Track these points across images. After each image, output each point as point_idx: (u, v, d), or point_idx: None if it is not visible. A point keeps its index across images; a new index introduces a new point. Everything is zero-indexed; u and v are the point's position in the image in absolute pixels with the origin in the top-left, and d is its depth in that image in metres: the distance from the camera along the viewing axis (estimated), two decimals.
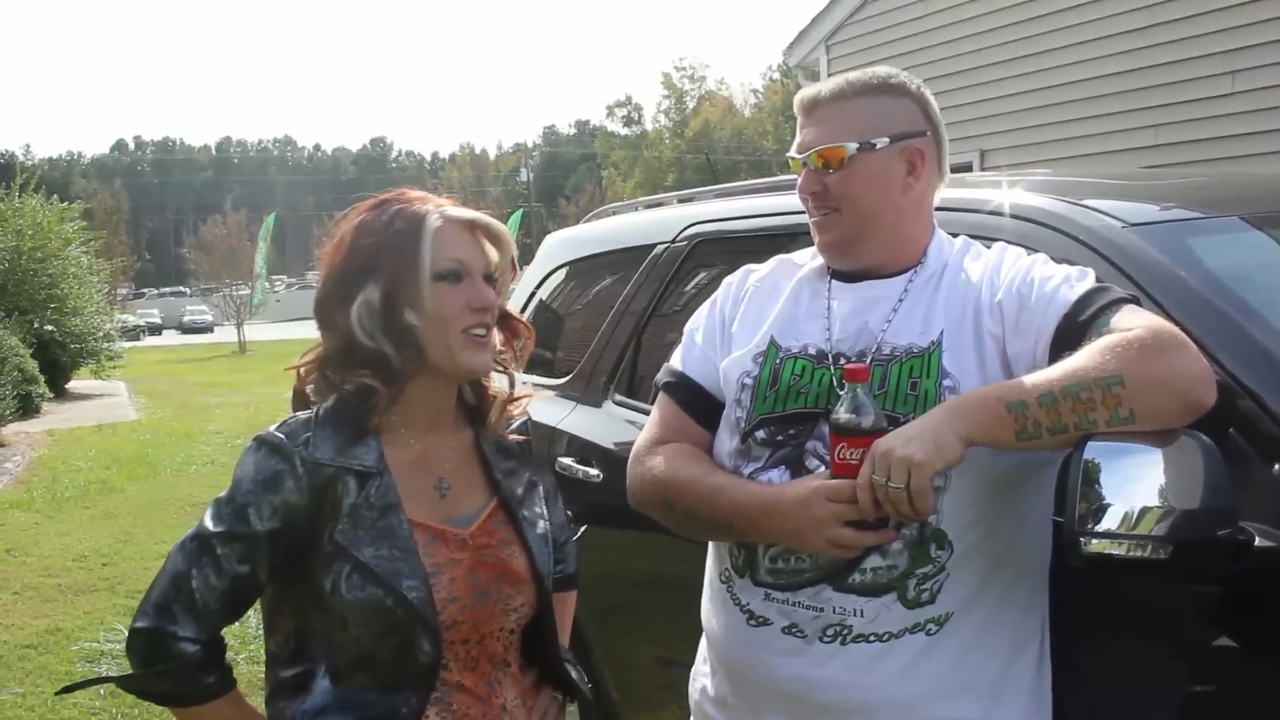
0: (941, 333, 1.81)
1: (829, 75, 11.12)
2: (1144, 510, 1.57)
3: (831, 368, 1.85)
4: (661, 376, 2.10)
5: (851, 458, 1.65)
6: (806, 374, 1.86)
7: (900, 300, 1.88)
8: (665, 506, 1.95)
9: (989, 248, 1.95)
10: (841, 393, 1.71)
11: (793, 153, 1.95)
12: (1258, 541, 1.64)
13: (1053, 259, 1.95)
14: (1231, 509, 1.58)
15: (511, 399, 1.95)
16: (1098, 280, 1.78)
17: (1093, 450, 1.59)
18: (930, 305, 1.85)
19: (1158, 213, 2.35)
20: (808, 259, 2.05)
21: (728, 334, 2.03)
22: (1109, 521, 1.58)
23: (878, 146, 1.87)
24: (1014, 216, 2.29)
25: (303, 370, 1.86)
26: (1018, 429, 1.56)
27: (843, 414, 1.67)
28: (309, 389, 1.85)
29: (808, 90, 1.96)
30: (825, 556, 1.74)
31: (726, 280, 2.12)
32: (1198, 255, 2.09)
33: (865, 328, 1.87)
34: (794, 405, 1.85)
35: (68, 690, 2.41)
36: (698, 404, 2.02)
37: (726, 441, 1.94)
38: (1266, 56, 7.89)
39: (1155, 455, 1.58)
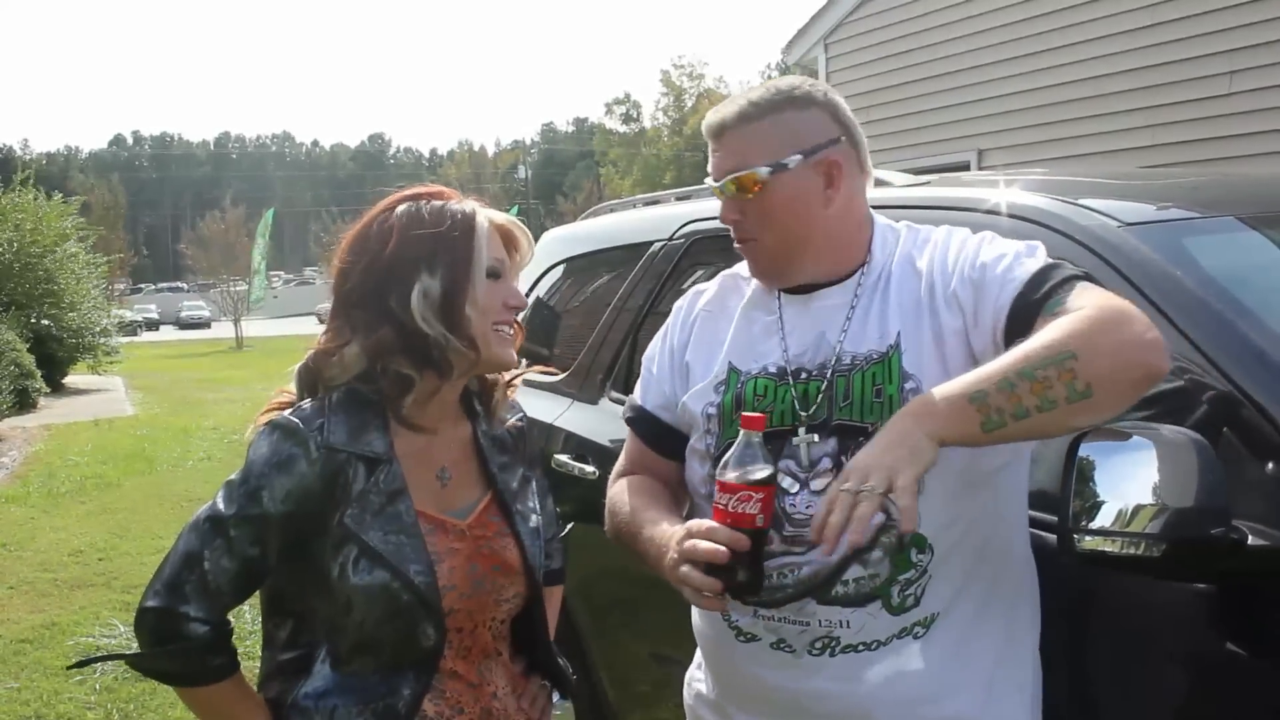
0: (898, 334, 1.78)
1: (828, 74, 11.24)
2: (1138, 508, 1.58)
3: (793, 384, 1.83)
4: (625, 410, 2.13)
5: (720, 502, 1.61)
6: (769, 393, 1.84)
7: (853, 306, 1.85)
8: (616, 538, 1.98)
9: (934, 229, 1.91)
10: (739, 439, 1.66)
11: (709, 180, 1.90)
12: (1251, 540, 1.65)
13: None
14: (1225, 508, 1.58)
15: (510, 383, 2.03)
16: (1049, 257, 1.74)
17: (1087, 448, 1.60)
18: (883, 307, 1.82)
19: (1153, 212, 2.36)
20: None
21: (681, 363, 2.01)
22: (1103, 519, 1.59)
23: (790, 166, 1.82)
24: (1010, 215, 2.30)
25: (321, 352, 1.84)
26: (982, 419, 1.52)
27: (726, 459, 1.64)
28: (327, 372, 1.82)
29: (713, 114, 1.89)
30: (803, 571, 1.74)
31: (676, 305, 2.11)
32: (1192, 255, 2.09)
33: (822, 339, 1.84)
34: None
35: (80, 665, 2.42)
36: (658, 436, 2.04)
37: (699, 469, 1.94)
38: (1265, 57, 7.91)
39: (1149, 453, 1.59)
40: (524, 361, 2.07)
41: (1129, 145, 8.67)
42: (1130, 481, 1.58)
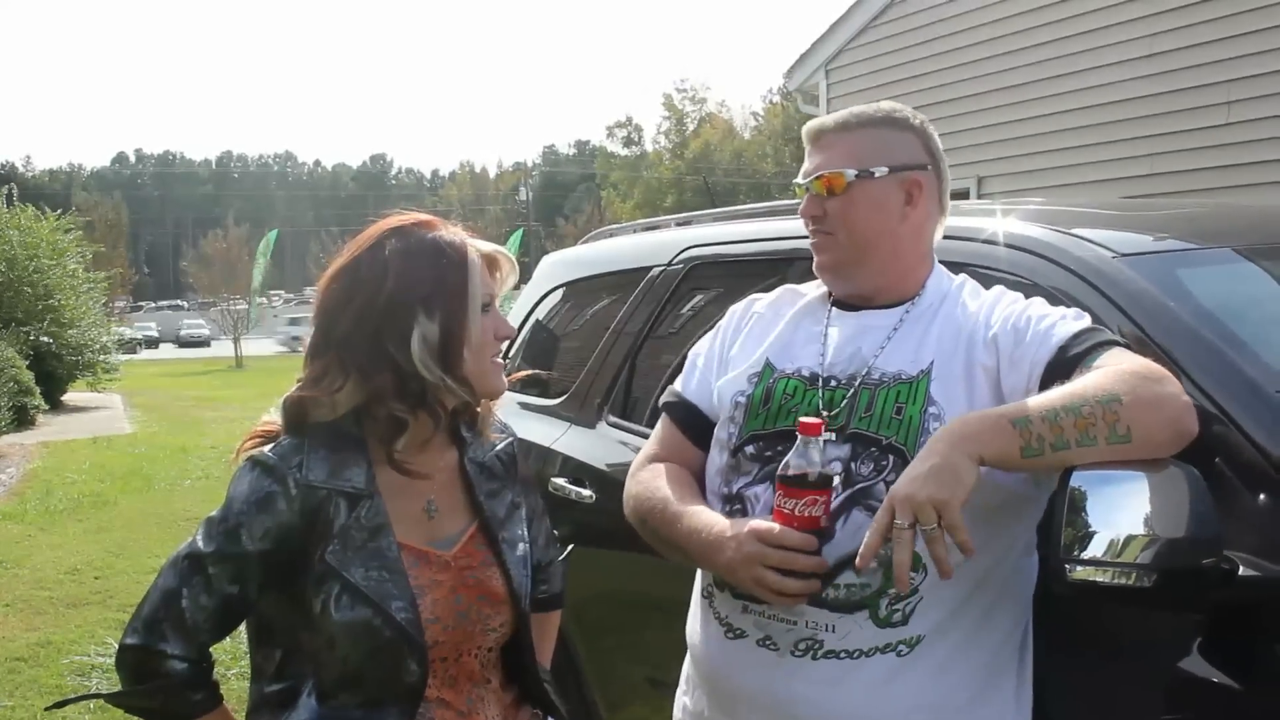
0: (932, 362, 1.85)
1: (828, 100, 11.28)
2: (1129, 538, 1.59)
3: (821, 390, 1.90)
4: (664, 397, 2.17)
5: (785, 506, 1.71)
6: (798, 394, 1.92)
7: (895, 329, 1.93)
8: (641, 522, 2.02)
9: (988, 288, 1.98)
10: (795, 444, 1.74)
11: (798, 179, 2.01)
12: (1242, 571, 1.66)
13: (1043, 287, 1.98)
14: (1216, 538, 1.59)
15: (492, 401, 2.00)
16: (1093, 322, 1.82)
17: (1079, 478, 1.61)
18: (924, 336, 1.90)
19: (1148, 243, 2.37)
20: (812, 289, 2.10)
21: (725, 358, 2.09)
22: (1094, 549, 1.60)
23: (876, 175, 1.93)
24: (1007, 245, 2.32)
25: (310, 397, 1.78)
26: (1023, 444, 1.57)
27: (789, 465, 1.72)
28: (316, 411, 1.78)
29: (815, 121, 2.03)
30: None
31: (732, 308, 2.19)
32: (1186, 286, 2.11)
33: (858, 353, 1.92)
34: (783, 423, 1.89)
35: (58, 705, 2.41)
36: (694, 425, 2.07)
37: (717, 459, 1.99)
38: (1263, 88, 7.94)
39: (1141, 483, 1.60)
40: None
41: (1128, 174, 8.71)
42: (1122, 512, 1.59)
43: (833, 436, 1.83)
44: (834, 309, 2.02)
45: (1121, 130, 8.84)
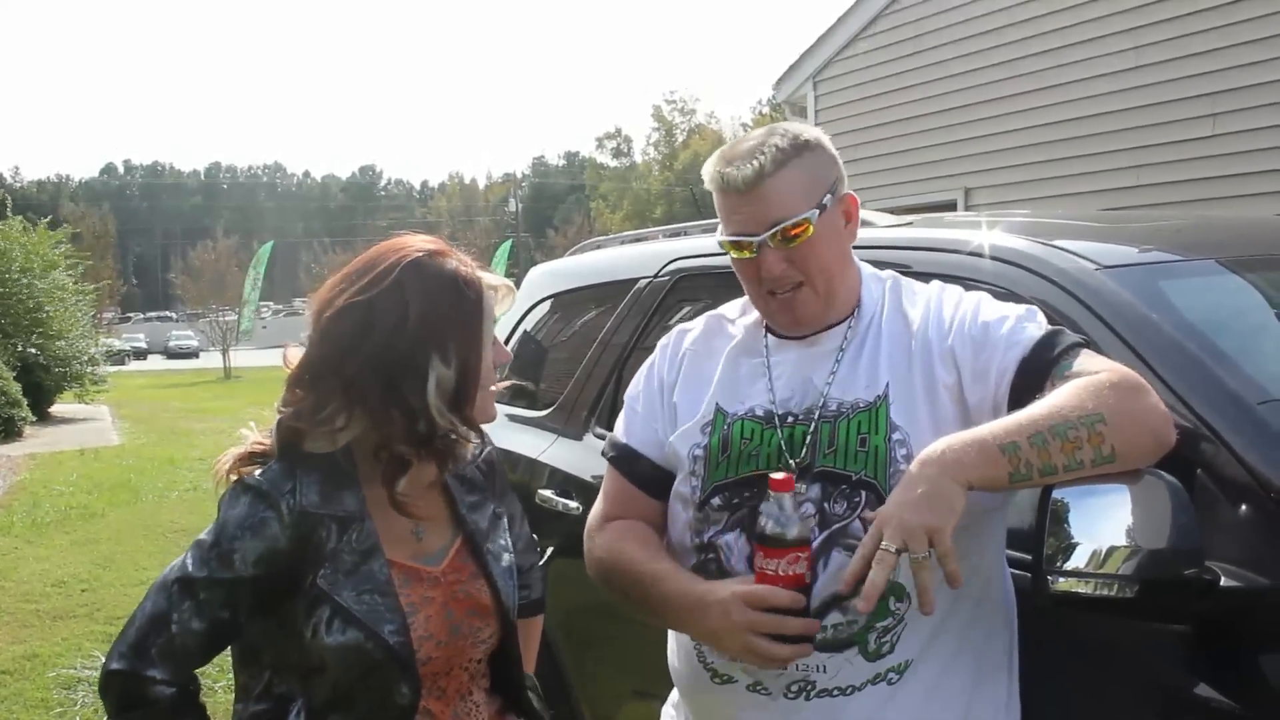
0: (888, 385, 1.79)
1: (816, 110, 11.31)
2: (1111, 549, 1.60)
3: (779, 428, 1.83)
4: (606, 449, 2.07)
5: (768, 568, 1.65)
6: (756, 436, 1.84)
7: (842, 350, 1.86)
8: (608, 586, 1.96)
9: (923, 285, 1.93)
10: (766, 503, 1.68)
11: (736, 237, 1.83)
12: (1223, 581, 1.67)
13: (1025, 300, 1.97)
14: (1198, 549, 1.60)
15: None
16: (1049, 321, 1.79)
17: (1061, 490, 1.61)
18: (873, 356, 1.83)
19: (1131, 255, 2.38)
20: (738, 313, 2.01)
21: (669, 403, 1.99)
22: (1076, 560, 1.61)
23: (828, 206, 1.82)
24: (991, 258, 2.33)
25: (311, 426, 1.76)
26: (1011, 471, 1.55)
27: (767, 526, 1.65)
28: (315, 441, 1.77)
29: (740, 169, 1.80)
30: None
31: (661, 342, 2.10)
32: (1169, 298, 2.12)
33: (809, 384, 1.85)
34: (746, 469, 1.83)
35: None
36: (643, 475, 1.99)
37: (681, 514, 1.92)
38: (1248, 100, 7.99)
39: (1123, 495, 1.60)
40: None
41: (1114, 185, 8.75)
42: (1104, 523, 1.60)
43: (803, 487, 1.76)
44: (770, 337, 1.93)
45: (1108, 142, 8.89)
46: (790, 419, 1.83)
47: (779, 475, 1.67)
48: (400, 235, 1.84)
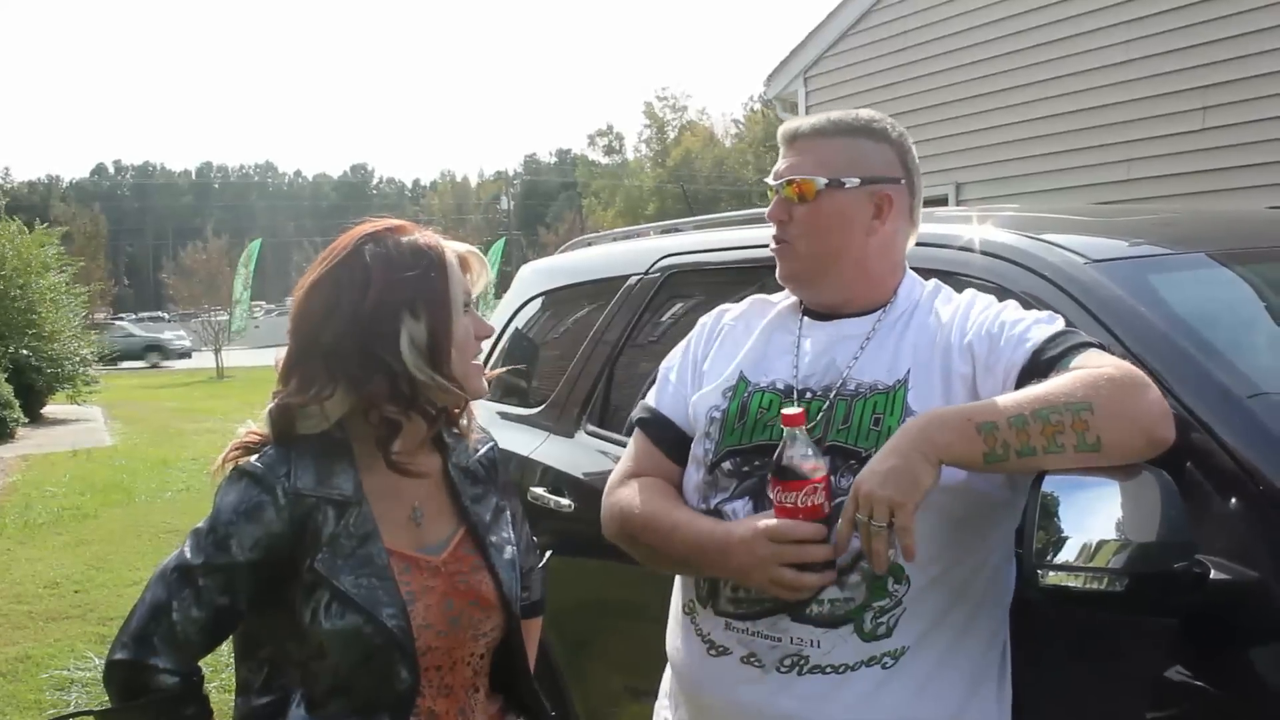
0: (908, 372, 1.83)
1: (807, 107, 11.31)
2: (1101, 543, 1.59)
3: (796, 403, 1.86)
4: (636, 413, 2.13)
5: (787, 500, 1.69)
6: (773, 408, 1.88)
7: (868, 338, 1.90)
8: (630, 539, 1.97)
9: (960, 293, 1.97)
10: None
11: (769, 179, 1.99)
12: (1213, 574, 1.67)
13: (1015, 293, 1.98)
14: (1187, 542, 1.61)
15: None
16: (1066, 324, 1.81)
17: (1051, 483, 1.61)
18: (898, 344, 1.87)
19: (1120, 249, 2.39)
20: (783, 298, 2.07)
21: (699, 372, 2.06)
22: (1066, 554, 1.61)
23: (847, 185, 1.90)
24: (982, 252, 2.33)
25: (297, 405, 1.79)
26: (986, 450, 1.57)
27: (781, 458, 1.70)
28: (305, 422, 1.79)
29: (791, 122, 2.00)
30: None
31: (701, 320, 2.15)
32: (1158, 291, 2.12)
33: (832, 364, 1.90)
34: (760, 437, 1.87)
35: None
36: (670, 440, 2.04)
37: (694, 476, 1.96)
38: (1238, 93, 8.01)
39: (1113, 489, 1.60)
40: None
41: (1105, 179, 8.77)
42: (1094, 516, 1.60)
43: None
44: (805, 318, 1.99)
45: (1099, 135, 8.91)
46: (809, 394, 1.88)
47: (791, 410, 1.72)
48: (365, 220, 1.89)
